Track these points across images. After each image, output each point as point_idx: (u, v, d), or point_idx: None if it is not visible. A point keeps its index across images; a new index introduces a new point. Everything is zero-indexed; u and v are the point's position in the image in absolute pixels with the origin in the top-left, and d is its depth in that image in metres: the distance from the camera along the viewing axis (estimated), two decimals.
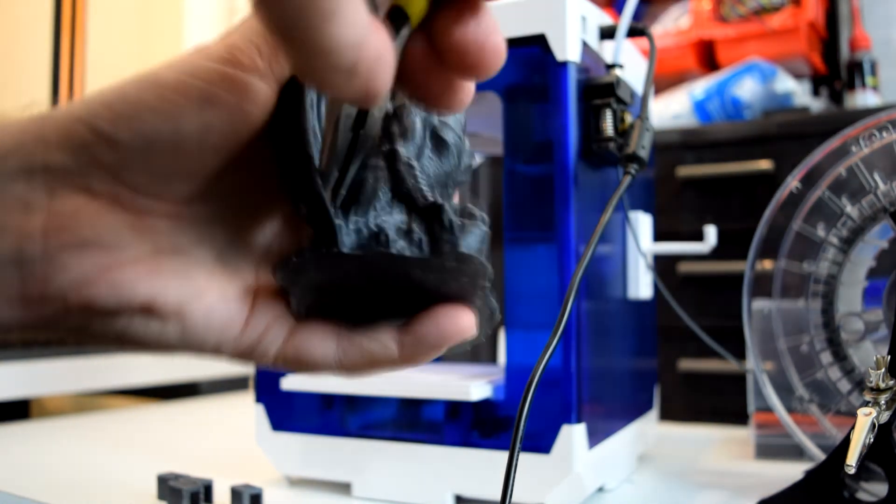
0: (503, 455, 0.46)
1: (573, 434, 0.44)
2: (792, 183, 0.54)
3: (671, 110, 0.91)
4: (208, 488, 0.47)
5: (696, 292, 0.78)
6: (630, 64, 0.54)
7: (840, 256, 0.51)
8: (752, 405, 0.59)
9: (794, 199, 0.54)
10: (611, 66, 0.50)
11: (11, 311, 0.22)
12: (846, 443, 0.40)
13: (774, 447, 0.60)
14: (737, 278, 0.67)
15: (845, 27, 0.98)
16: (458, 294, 0.24)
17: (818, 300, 0.52)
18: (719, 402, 0.77)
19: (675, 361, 0.79)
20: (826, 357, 0.52)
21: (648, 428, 0.61)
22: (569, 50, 0.45)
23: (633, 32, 0.51)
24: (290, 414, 0.53)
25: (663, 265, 0.78)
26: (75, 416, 0.86)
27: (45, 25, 1.60)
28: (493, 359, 0.84)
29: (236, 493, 0.46)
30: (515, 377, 0.46)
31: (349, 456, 0.50)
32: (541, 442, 0.45)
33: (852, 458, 0.39)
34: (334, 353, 0.25)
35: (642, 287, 0.55)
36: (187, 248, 0.24)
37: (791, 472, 0.49)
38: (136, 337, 0.23)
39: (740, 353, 0.63)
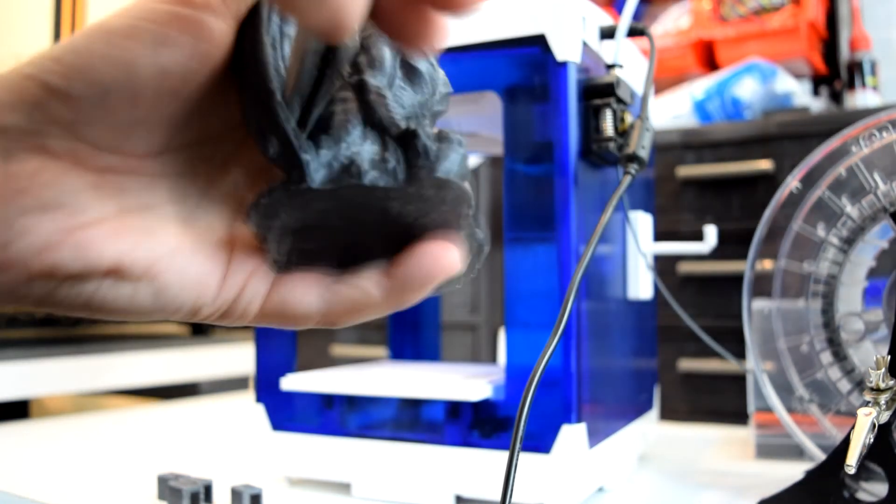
0: (503, 455, 0.46)
1: (573, 434, 0.44)
2: (792, 183, 0.54)
3: (671, 110, 0.91)
4: (208, 488, 0.47)
5: (696, 292, 0.78)
6: (630, 64, 0.54)
7: (840, 256, 0.51)
8: (752, 405, 0.59)
9: (794, 199, 0.54)
10: (611, 66, 0.50)
11: None
12: (846, 443, 0.40)
13: (774, 447, 0.60)
14: (737, 278, 0.67)
15: (845, 27, 0.98)
16: (440, 225, 0.23)
17: (818, 300, 0.52)
18: (719, 402, 0.77)
19: (675, 361, 0.79)
20: (826, 357, 0.52)
21: (648, 428, 0.61)
22: (569, 50, 0.45)
23: (633, 32, 0.51)
24: (290, 414, 0.53)
25: (663, 265, 0.78)
26: (75, 416, 0.86)
27: (46, 20, 1.61)
28: (493, 359, 0.84)
29: (236, 493, 0.46)
30: (515, 377, 0.46)
31: (349, 456, 0.50)
32: (541, 442, 0.45)
33: (852, 458, 0.39)
34: (318, 304, 0.24)
35: (642, 287, 0.55)
36: (156, 205, 0.23)
37: (791, 472, 0.49)
38: (105, 302, 0.22)
39: (740, 353, 0.63)
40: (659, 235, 0.61)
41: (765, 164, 0.75)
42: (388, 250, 0.24)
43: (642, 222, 0.55)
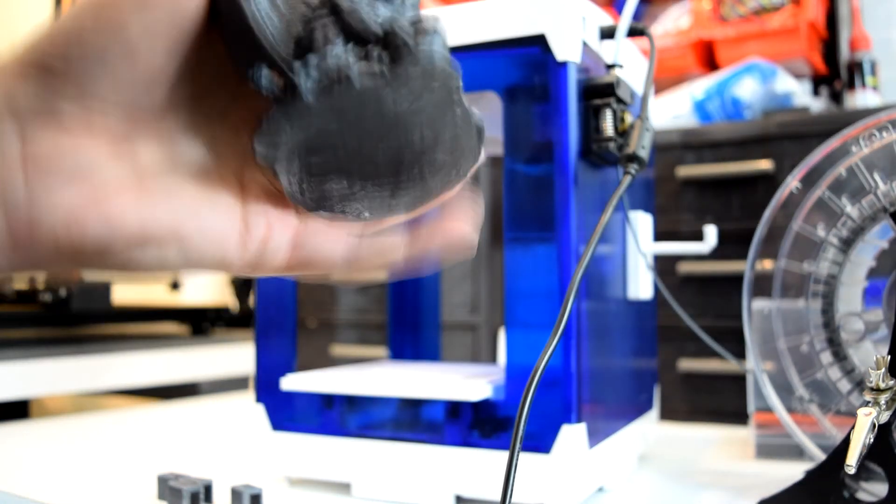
0: (503, 455, 0.46)
1: (573, 434, 0.44)
2: (792, 183, 0.54)
3: (671, 110, 0.91)
4: (208, 488, 0.47)
5: (696, 292, 0.78)
6: (630, 64, 0.54)
7: (840, 256, 0.51)
8: (752, 405, 0.59)
9: (794, 199, 0.54)
10: (611, 66, 0.50)
11: (1, 256, 0.22)
12: (846, 443, 0.40)
13: (774, 447, 0.60)
14: (737, 278, 0.67)
15: (845, 27, 0.98)
16: (436, 108, 0.25)
17: (818, 300, 0.52)
18: (719, 402, 0.77)
19: (675, 361, 0.79)
20: (826, 357, 0.52)
21: (648, 428, 0.61)
22: (569, 50, 0.45)
23: (633, 32, 0.51)
24: (290, 414, 0.53)
25: (663, 265, 0.78)
26: (75, 416, 0.86)
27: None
28: (493, 359, 0.84)
29: (236, 493, 0.46)
30: (515, 377, 0.46)
31: (349, 456, 0.50)
32: (541, 442, 0.45)
33: (852, 458, 0.39)
34: (344, 252, 0.26)
35: (642, 287, 0.55)
36: (169, 166, 0.24)
37: (791, 472, 0.49)
38: (135, 266, 0.23)
39: (740, 353, 0.63)
40: (659, 235, 0.61)
41: (765, 164, 0.75)
42: (395, 167, 0.25)
43: (642, 222, 0.55)
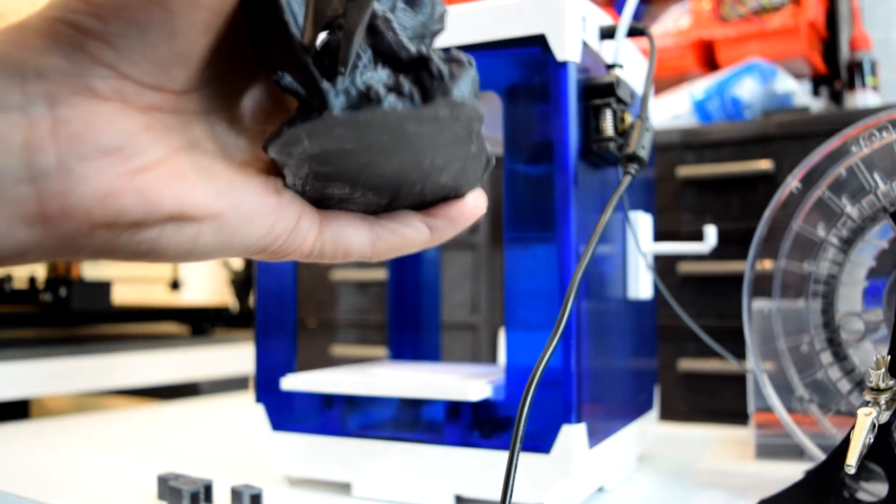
0: (503, 455, 0.46)
1: (573, 434, 0.44)
2: (792, 183, 0.54)
3: (671, 110, 0.91)
4: (208, 488, 0.47)
5: (696, 292, 0.78)
6: (630, 64, 0.54)
7: (840, 256, 0.51)
8: (752, 405, 0.59)
9: (794, 199, 0.54)
10: (611, 66, 0.50)
11: (30, 231, 0.20)
12: (846, 443, 0.40)
13: (774, 447, 0.60)
14: (737, 278, 0.67)
15: (845, 27, 0.98)
16: (453, 142, 0.25)
17: (818, 300, 0.52)
18: (719, 402, 0.77)
19: (675, 361, 0.79)
20: (826, 357, 0.52)
21: (648, 428, 0.61)
22: (569, 50, 0.45)
23: (633, 32, 0.51)
24: (290, 414, 0.53)
25: (663, 265, 0.78)
26: (75, 416, 0.86)
27: None
28: (493, 359, 0.84)
29: (236, 493, 0.46)
30: (515, 377, 0.46)
31: (349, 456, 0.50)
32: (541, 442, 0.45)
33: (852, 458, 0.39)
34: (368, 238, 0.26)
35: (642, 287, 0.55)
36: (199, 142, 0.23)
37: (791, 472, 0.49)
38: (169, 247, 0.22)
39: (740, 353, 0.63)
40: (659, 235, 0.61)
41: (765, 164, 0.75)
42: (399, 182, 0.25)
43: (642, 222, 0.55)
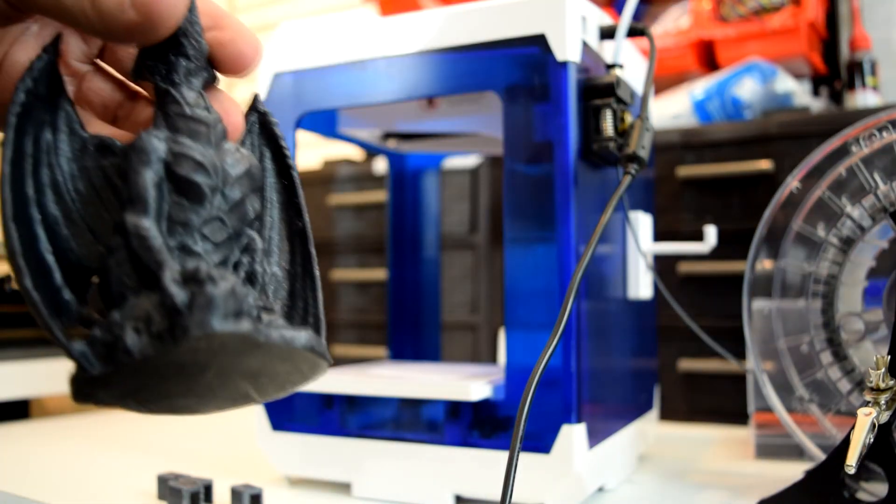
0: (503, 455, 0.46)
1: (573, 434, 0.44)
2: (792, 183, 0.54)
3: (671, 110, 0.91)
4: (208, 488, 0.47)
5: (696, 292, 0.78)
6: (630, 64, 0.54)
7: (840, 256, 0.51)
8: (752, 405, 0.59)
9: (794, 199, 0.54)
10: (611, 66, 0.50)
11: None
12: (846, 443, 0.40)
13: (774, 447, 0.60)
14: (737, 278, 0.67)
15: (845, 27, 0.98)
16: (227, 360, 0.22)
17: (818, 300, 0.52)
18: (719, 402, 0.77)
19: (675, 361, 0.79)
20: (826, 357, 0.52)
21: (648, 428, 0.61)
22: (569, 50, 0.45)
23: (633, 32, 0.51)
24: (290, 414, 0.53)
25: (663, 265, 0.78)
26: (75, 416, 0.86)
27: None
28: (493, 359, 0.84)
29: (236, 493, 0.46)
30: (515, 377, 0.46)
31: (349, 456, 0.50)
32: (541, 442, 0.45)
33: (852, 458, 0.39)
34: None
35: (642, 287, 0.55)
36: None
37: (791, 472, 0.49)
38: None
39: (740, 353, 0.63)
40: (659, 235, 0.61)
41: (765, 164, 0.75)
42: (186, 393, 0.23)
43: (642, 222, 0.55)
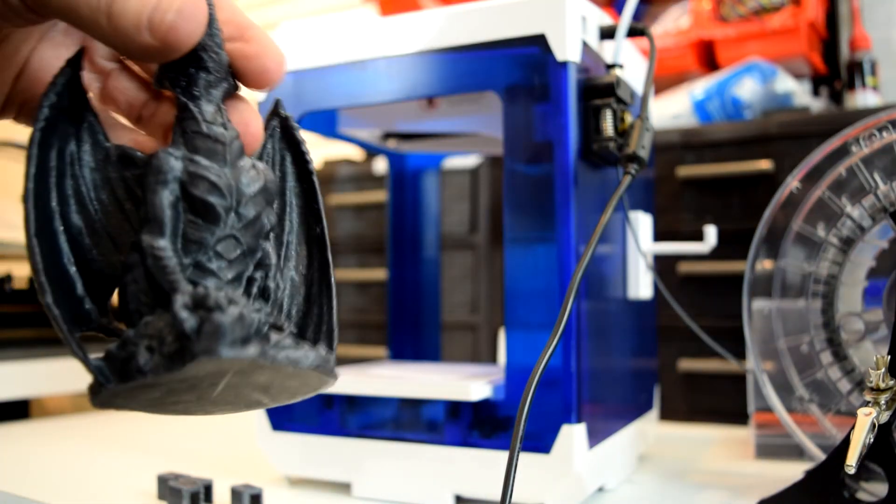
0: (503, 455, 0.46)
1: (573, 434, 0.44)
2: (792, 183, 0.54)
3: (671, 110, 0.91)
4: (208, 488, 0.47)
5: (696, 292, 0.78)
6: (630, 64, 0.54)
7: (840, 256, 0.51)
8: (752, 405, 0.59)
9: (794, 199, 0.54)
10: (611, 66, 0.50)
11: None
12: (846, 443, 0.40)
13: (774, 447, 0.60)
14: (737, 278, 0.67)
15: (845, 27, 0.98)
16: (237, 380, 0.22)
17: (818, 300, 0.52)
18: (719, 402, 0.77)
19: (675, 361, 0.79)
20: (826, 357, 0.52)
21: (648, 428, 0.61)
22: (569, 50, 0.45)
23: (633, 32, 0.51)
24: (290, 414, 0.53)
25: (663, 265, 0.78)
26: (75, 416, 0.86)
27: None
28: (493, 359, 0.84)
29: (236, 493, 0.46)
30: (515, 377, 0.46)
31: (349, 456, 0.50)
32: (541, 442, 0.45)
33: (852, 458, 0.39)
34: None
35: (642, 287, 0.55)
36: None
37: (791, 472, 0.49)
38: None
39: (740, 353, 0.63)
40: (659, 235, 0.61)
41: (765, 164, 0.75)
42: (203, 398, 0.23)
43: (642, 222, 0.55)
